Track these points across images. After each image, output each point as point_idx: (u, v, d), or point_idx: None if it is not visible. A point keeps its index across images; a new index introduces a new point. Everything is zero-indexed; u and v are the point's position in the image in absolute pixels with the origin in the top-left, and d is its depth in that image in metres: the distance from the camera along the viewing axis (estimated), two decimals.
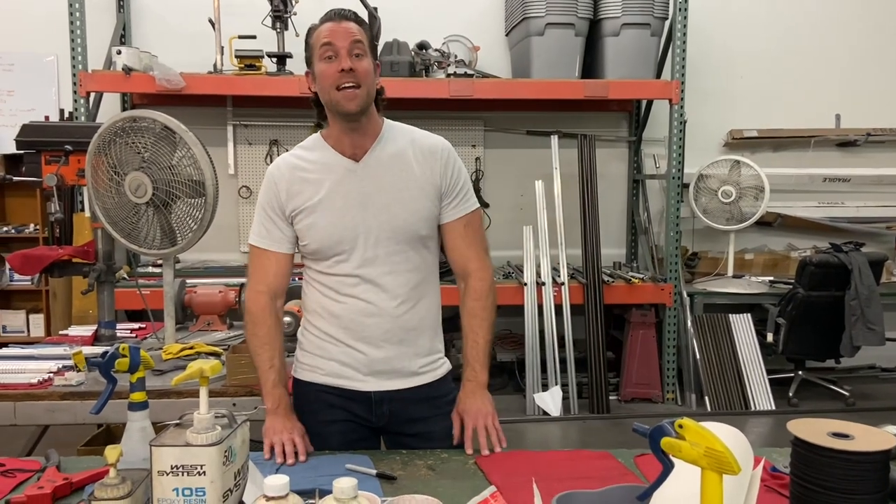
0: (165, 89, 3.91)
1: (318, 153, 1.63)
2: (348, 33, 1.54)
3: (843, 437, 1.11)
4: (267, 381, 1.61)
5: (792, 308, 4.17)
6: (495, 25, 4.79)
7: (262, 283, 1.65)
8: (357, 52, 1.53)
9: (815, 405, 4.31)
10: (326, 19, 1.58)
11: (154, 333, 2.58)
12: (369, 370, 1.62)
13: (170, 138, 2.14)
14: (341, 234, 1.58)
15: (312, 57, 1.58)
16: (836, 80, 5.06)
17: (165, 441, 0.97)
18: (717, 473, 0.77)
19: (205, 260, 4.55)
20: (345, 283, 1.60)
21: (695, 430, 0.80)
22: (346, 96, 1.52)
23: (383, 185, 1.60)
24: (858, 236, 4.82)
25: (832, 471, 1.07)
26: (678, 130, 4.37)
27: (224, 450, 0.97)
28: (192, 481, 0.94)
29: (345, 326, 1.61)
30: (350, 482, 0.91)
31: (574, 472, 1.43)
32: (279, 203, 1.62)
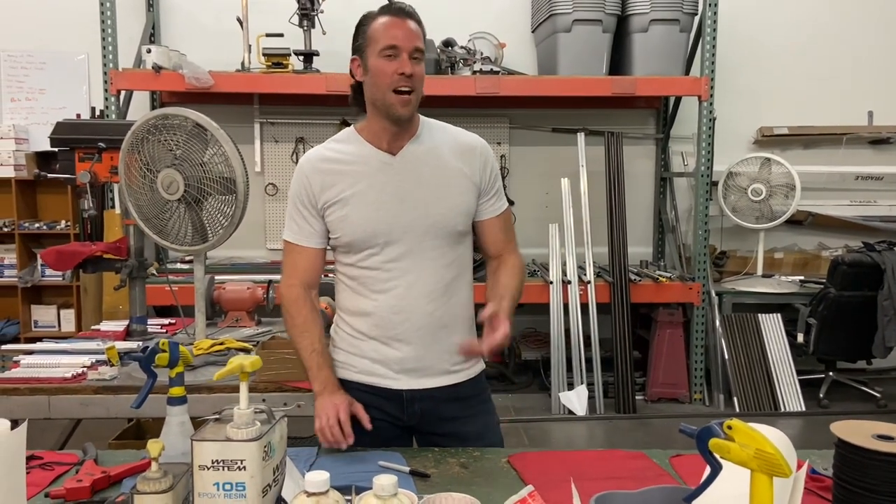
0: (194, 87, 3.95)
1: (352, 146, 1.63)
2: (413, 36, 1.53)
3: (888, 440, 1.09)
4: (311, 365, 1.60)
5: (823, 308, 4.10)
6: (521, 22, 4.77)
7: (294, 277, 1.65)
8: (416, 57, 1.54)
9: (846, 406, 4.24)
10: (389, 13, 1.55)
11: (184, 329, 2.61)
12: (401, 368, 1.61)
13: (201, 136, 2.16)
14: (375, 227, 1.56)
15: (366, 48, 1.55)
16: (869, 76, 4.97)
17: (206, 436, 0.97)
18: (768, 476, 0.76)
19: (232, 257, 4.58)
20: (377, 279, 1.58)
21: (744, 432, 0.78)
22: (402, 101, 1.53)
23: (420, 179, 1.60)
24: (891, 235, 4.72)
25: (878, 473, 1.04)
26: (707, 128, 4.32)
27: (264, 445, 0.97)
28: (233, 476, 0.95)
29: (376, 324, 1.59)
30: (390, 479, 0.90)
31: (609, 472, 1.41)
32: (311, 196, 1.60)
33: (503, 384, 4.51)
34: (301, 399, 2.03)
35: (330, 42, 4.30)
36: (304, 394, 2.03)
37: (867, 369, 4.71)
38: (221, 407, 1.05)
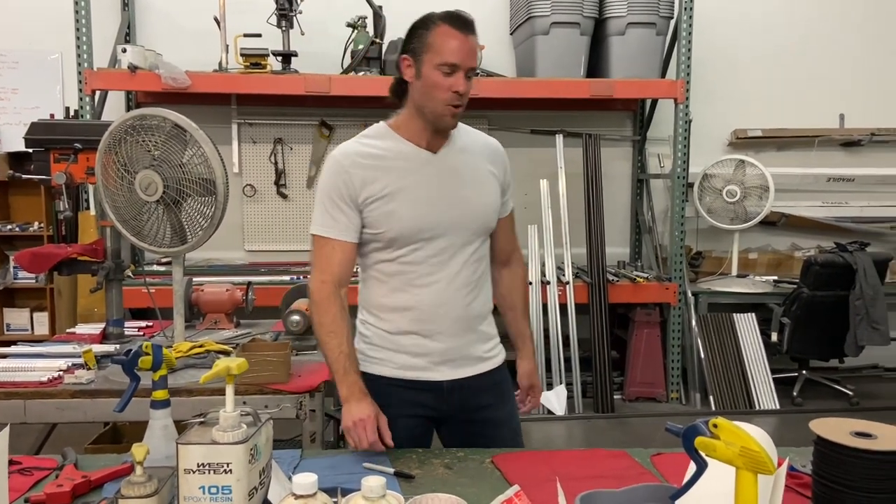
0: (171, 87, 3.90)
1: (389, 142, 1.65)
2: (473, 55, 1.56)
3: (866, 437, 1.11)
4: (338, 368, 1.60)
5: (796, 308, 4.17)
6: (500, 24, 4.78)
7: (327, 272, 1.63)
8: (470, 75, 1.57)
9: (819, 405, 4.31)
10: (453, 24, 1.55)
11: (162, 332, 2.58)
12: (441, 359, 1.65)
13: (180, 136, 2.13)
14: (422, 224, 1.60)
15: (423, 53, 1.56)
16: (841, 79, 5.06)
17: (192, 439, 0.96)
18: (753, 473, 0.77)
19: (209, 258, 4.54)
20: (419, 273, 1.62)
21: (730, 430, 0.80)
22: (452, 113, 1.58)
23: (459, 177, 1.65)
24: (863, 236, 4.82)
25: (857, 470, 1.06)
26: (683, 130, 4.37)
27: (250, 448, 0.96)
28: (219, 479, 0.94)
29: (418, 318, 1.63)
30: (378, 481, 0.90)
31: (592, 471, 1.42)
32: (351, 190, 1.60)
33: None
34: (282, 401, 2.03)
35: (308, 43, 4.29)
36: (285, 396, 2.02)
37: (840, 368, 4.80)
38: (202, 410, 1.05)
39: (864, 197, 5.05)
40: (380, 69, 4.27)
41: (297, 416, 2.04)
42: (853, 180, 4.99)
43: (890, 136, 5.04)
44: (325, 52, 4.42)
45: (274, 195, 4.68)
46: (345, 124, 4.70)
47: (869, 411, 4.23)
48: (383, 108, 5.12)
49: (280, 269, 4.40)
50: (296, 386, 2.05)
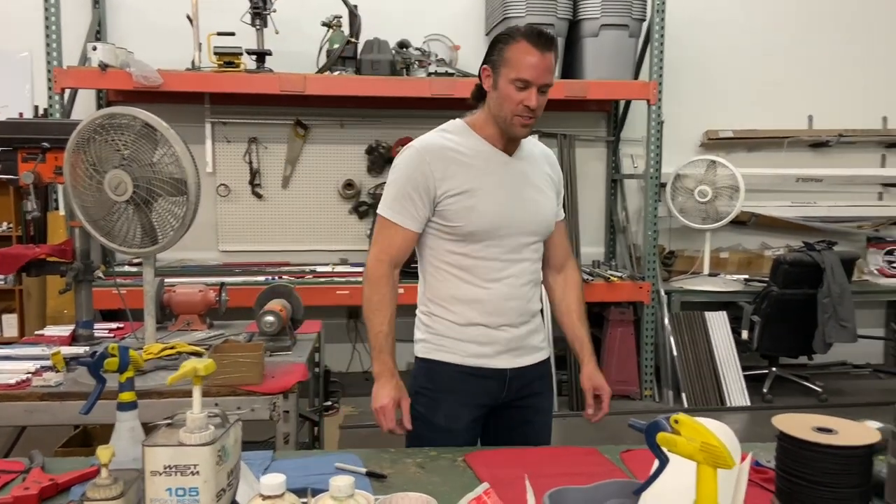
0: (142, 86, 3.86)
1: (470, 140, 1.71)
2: (547, 72, 1.61)
3: (827, 432, 1.14)
4: (375, 346, 1.70)
5: (766, 306, 4.24)
6: (475, 25, 4.80)
7: (386, 252, 1.72)
8: (544, 90, 1.63)
9: (789, 401, 4.39)
10: (531, 40, 1.60)
11: (133, 333, 2.55)
12: (505, 349, 1.74)
13: (151, 136, 2.11)
14: (499, 221, 1.68)
15: (500, 66, 1.63)
16: (809, 82, 5.16)
17: (158, 441, 0.96)
18: (713, 468, 0.79)
19: (182, 259, 4.50)
20: (492, 269, 1.70)
21: (690, 426, 0.81)
22: (522, 124, 1.65)
23: (530, 181, 1.75)
24: (830, 235, 4.91)
25: (818, 465, 1.09)
26: (655, 131, 4.42)
27: (217, 449, 0.96)
28: (186, 481, 0.94)
29: (488, 311, 1.71)
30: (347, 480, 0.91)
31: (562, 468, 1.44)
32: (429, 180, 1.66)
33: None
34: (255, 403, 2.02)
35: (283, 42, 4.27)
36: (258, 397, 2.02)
37: (808, 364, 4.88)
38: (173, 412, 1.04)
39: (832, 197, 5.14)
40: (355, 68, 4.26)
41: (270, 417, 2.03)
42: (821, 180, 5.08)
43: (856, 136, 5.14)
44: (301, 51, 4.41)
45: (249, 195, 4.65)
46: (320, 124, 4.69)
47: (837, 407, 4.31)
48: (360, 107, 5.12)
49: (255, 270, 4.38)
50: (269, 387, 2.04)
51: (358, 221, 4.75)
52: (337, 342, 4.75)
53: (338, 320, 4.77)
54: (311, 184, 4.71)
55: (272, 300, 2.59)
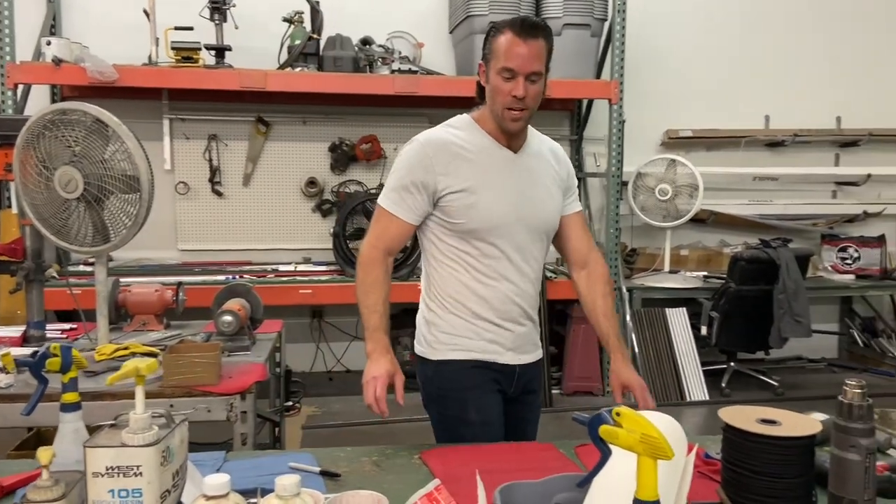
0: (97, 81, 3.78)
1: (474, 136, 1.71)
2: (532, 60, 1.59)
3: (772, 424, 1.16)
4: (369, 325, 1.69)
5: (724, 302, 4.32)
6: (439, 22, 4.80)
7: (380, 240, 1.73)
8: (533, 79, 1.61)
9: (747, 395, 4.48)
10: (514, 29, 1.60)
11: (86, 334, 2.50)
12: (511, 346, 1.75)
13: (102, 132, 2.07)
14: (500, 219, 1.67)
15: (490, 60, 1.64)
16: (765, 83, 5.26)
17: (100, 442, 0.94)
18: (652, 459, 0.80)
19: (140, 258, 4.42)
20: (496, 266, 1.70)
21: (631, 418, 0.82)
22: (512, 117, 1.64)
23: (535, 178, 1.74)
24: (786, 232, 5.02)
25: (760, 455, 1.11)
26: (617, 130, 4.47)
27: (162, 450, 0.95)
28: (129, 482, 0.92)
29: (494, 307, 1.72)
30: (292, 479, 0.90)
31: (517, 463, 1.45)
32: (429, 173, 1.66)
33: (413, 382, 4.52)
34: (211, 404, 1.99)
35: (243, 37, 4.22)
36: (214, 398, 1.99)
37: (765, 359, 4.99)
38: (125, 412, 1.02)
39: (788, 195, 5.26)
40: (318, 65, 4.23)
41: (227, 418, 2.01)
42: (777, 179, 5.19)
43: (811, 136, 5.26)
44: (262, 46, 4.36)
45: (209, 193, 4.59)
46: (282, 121, 4.64)
47: (793, 401, 4.41)
48: (323, 104, 5.08)
49: (215, 269, 4.32)
50: (226, 388, 2.02)
51: (321, 220, 4.71)
52: (300, 342, 4.71)
53: (301, 320, 4.73)
54: (272, 182, 4.67)
55: (230, 300, 2.56)
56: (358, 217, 4.33)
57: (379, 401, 1.59)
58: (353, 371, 4.78)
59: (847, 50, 5.34)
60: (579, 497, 1.04)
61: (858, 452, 1.10)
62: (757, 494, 1.11)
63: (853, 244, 5.06)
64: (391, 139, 4.76)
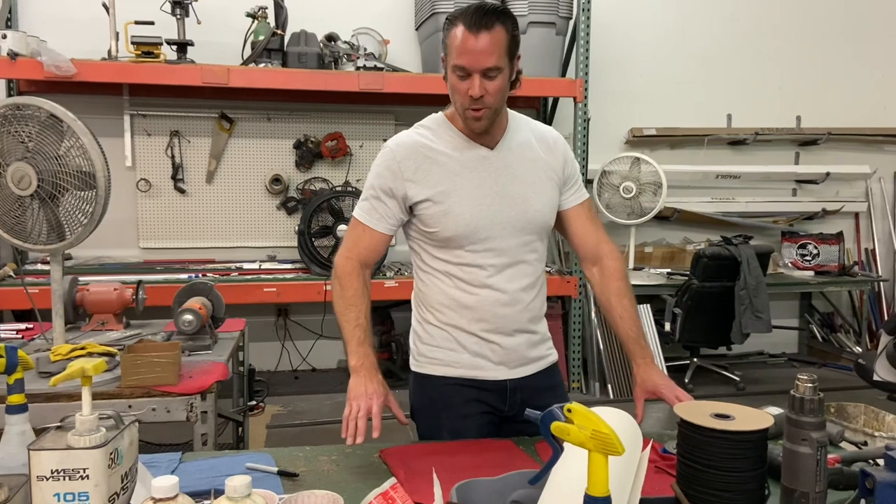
0: (55, 76, 3.69)
1: (446, 135, 1.61)
2: (484, 56, 1.45)
3: (725, 418, 1.18)
4: (352, 339, 1.56)
5: (687, 298, 4.38)
6: (405, 19, 4.78)
7: (353, 252, 1.63)
8: (490, 75, 1.48)
9: (709, 390, 4.54)
10: (465, 23, 1.46)
11: (42, 334, 2.44)
12: (502, 359, 1.63)
13: (56, 127, 2.03)
14: (478, 223, 1.56)
15: (446, 54, 1.52)
16: (728, 82, 5.35)
17: (45, 444, 0.92)
18: (603, 455, 0.81)
19: (100, 256, 4.33)
20: (479, 274, 1.59)
21: (582, 414, 0.83)
22: (474, 117, 1.52)
23: (517, 174, 1.61)
24: (747, 230, 5.10)
25: (713, 450, 1.12)
26: (582, 128, 4.50)
27: (109, 452, 0.93)
28: (75, 486, 0.90)
29: (479, 318, 1.60)
30: (243, 480, 0.89)
31: (476, 461, 1.44)
32: (398, 180, 1.57)
33: (391, 380, 4.50)
34: (171, 404, 1.96)
35: (205, 32, 4.15)
36: (173, 398, 1.96)
37: (728, 355, 5.07)
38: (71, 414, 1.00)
39: (749, 193, 5.35)
40: (282, 61, 4.18)
41: (187, 418, 1.98)
42: (739, 177, 5.28)
43: (772, 135, 5.36)
44: (225, 42, 4.30)
45: (171, 190, 4.51)
46: (246, 117, 4.58)
47: (754, 395, 4.48)
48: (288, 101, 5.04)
49: (177, 268, 4.25)
50: (186, 387, 1.99)
51: (286, 217, 4.67)
52: (265, 340, 4.67)
53: (266, 318, 4.68)
54: (236, 179, 4.61)
55: (191, 298, 2.53)
56: (323, 215, 4.30)
57: (375, 417, 1.44)
58: (318, 370, 4.75)
59: (807, 52, 5.45)
60: (536, 494, 1.05)
61: (810, 446, 1.12)
62: (710, 488, 1.12)
63: (812, 241, 5.17)
64: (357, 136, 4.74)
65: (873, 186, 5.66)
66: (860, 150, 5.61)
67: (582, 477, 0.97)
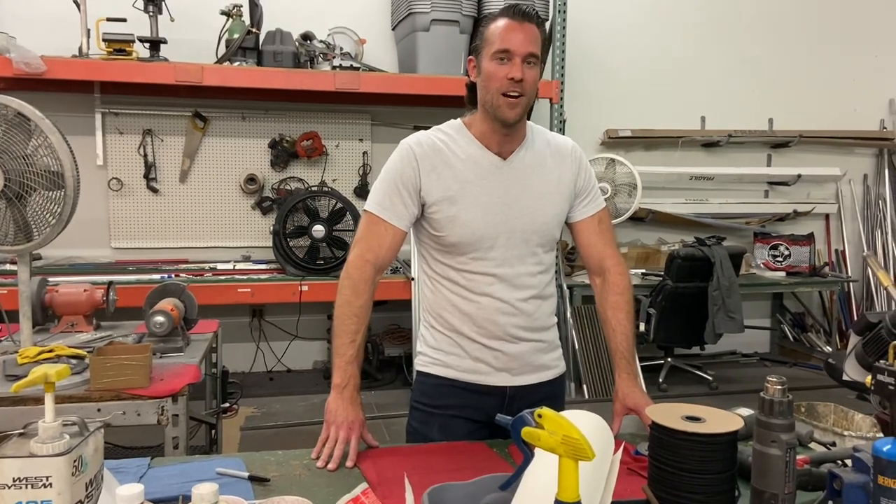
0: (24, 73, 3.63)
1: (462, 142, 1.62)
2: (528, 41, 1.51)
3: (696, 420, 1.19)
4: (343, 354, 1.55)
5: (661, 299, 4.42)
6: (381, 19, 4.77)
7: (372, 251, 1.60)
8: (530, 62, 1.53)
9: (683, 390, 4.59)
10: (507, 15, 1.53)
11: (10, 336, 2.40)
12: (504, 365, 1.64)
13: (24, 125, 1.99)
14: (484, 231, 1.58)
15: (482, 49, 1.55)
16: (701, 85, 5.41)
17: (7, 452, 0.90)
18: (573, 460, 0.81)
19: (71, 257, 4.26)
20: (480, 282, 1.60)
21: (552, 419, 0.83)
22: (509, 104, 1.53)
23: (527, 186, 1.62)
24: (720, 231, 5.16)
25: (684, 452, 1.13)
26: (558, 129, 4.52)
27: (73, 460, 0.91)
28: (38, 494, 0.88)
29: (479, 325, 1.61)
30: (210, 487, 0.87)
31: (450, 464, 1.44)
32: (415, 177, 1.58)
33: (366, 381, 4.49)
34: (141, 407, 1.94)
35: (179, 30, 4.10)
36: (143, 401, 1.93)
37: (701, 354, 5.12)
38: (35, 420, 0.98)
39: (722, 194, 5.41)
40: (257, 60, 4.15)
41: (158, 421, 1.96)
42: (713, 179, 5.34)
43: (745, 137, 5.43)
44: (199, 40, 4.25)
45: (143, 189, 4.45)
46: (220, 116, 4.54)
47: (727, 395, 4.54)
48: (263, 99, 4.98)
49: (150, 268, 4.20)
50: (157, 390, 1.96)
51: (261, 217, 4.63)
52: (239, 342, 4.63)
53: (240, 319, 4.64)
54: (211, 178, 4.56)
55: (163, 299, 2.49)
56: (298, 215, 4.27)
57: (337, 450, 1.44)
58: (293, 371, 4.71)
59: (779, 55, 5.53)
60: (508, 498, 1.04)
61: (779, 447, 1.13)
62: (681, 490, 1.13)
63: (784, 242, 5.24)
64: (333, 136, 4.71)
65: (843, 188, 5.76)
66: (831, 153, 5.70)
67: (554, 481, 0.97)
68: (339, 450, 1.44)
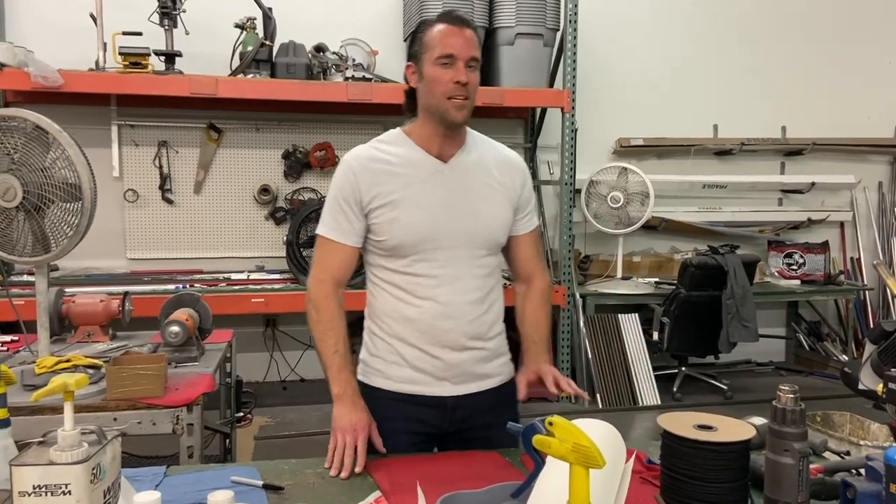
0: (42, 87, 3.68)
1: (402, 148, 1.64)
2: (469, 45, 1.56)
3: (708, 429, 1.19)
4: (332, 366, 1.58)
5: (675, 307, 4.40)
6: (393, 30, 4.80)
7: (325, 272, 1.64)
8: (472, 65, 1.57)
9: (697, 399, 4.56)
10: (446, 21, 1.58)
11: (28, 346, 2.43)
12: (445, 374, 1.62)
13: (42, 138, 2.02)
14: (425, 233, 1.58)
15: (422, 55, 1.58)
16: (714, 93, 5.39)
17: (27, 460, 0.91)
18: (584, 468, 0.81)
19: (87, 267, 4.31)
20: (423, 285, 1.60)
21: (563, 427, 0.83)
22: (456, 106, 1.56)
23: (469, 189, 1.64)
24: (734, 239, 5.13)
25: (696, 461, 1.13)
26: (570, 138, 4.53)
27: (91, 467, 0.92)
28: (57, 501, 0.90)
29: (421, 331, 1.60)
30: (225, 495, 0.89)
31: (462, 473, 1.44)
32: (356, 193, 1.60)
33: None
34: (157, 417, 1.95)
35: (194, 43, 4.15)
36: (159, 411, 1.95)
37: (715, 363, 5.08)
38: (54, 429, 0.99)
39: (736, 202, 5.39)
40: (270, 72, 4.19)
41: (173, 431, 1.97)
42: (726, 187, 5.32)
43: (758, 145, 5.41)
44: (213, 53, 4.30)
45: (159, 200, 4.50)
46: (234, 127, 4.58)
47: (741, 404, 4.50)
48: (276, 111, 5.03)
49: (165, 278, 4.23)
50: (172, 400, 1.98)
51: (275, 227, 4.67)
52: (253, 351, 4.65)
53: (254, 328, 4.67)
54: (225, 189, 4.60)
55: (178, 310, 2.52)
56: (312, 225, 4.30)
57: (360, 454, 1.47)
58: (307, 380, 4.73)
59: (792, 62, 5.50)
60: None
61: (792, 456, 1.13)
62: (693, 499, 1.13)
63: (798, 250, 5.21)
64: (346, 146, 4.72)
65: (858, 196, 5.72)
66: (845, 160, 5.67)
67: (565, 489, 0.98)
68: (350, 457, 1.46)
